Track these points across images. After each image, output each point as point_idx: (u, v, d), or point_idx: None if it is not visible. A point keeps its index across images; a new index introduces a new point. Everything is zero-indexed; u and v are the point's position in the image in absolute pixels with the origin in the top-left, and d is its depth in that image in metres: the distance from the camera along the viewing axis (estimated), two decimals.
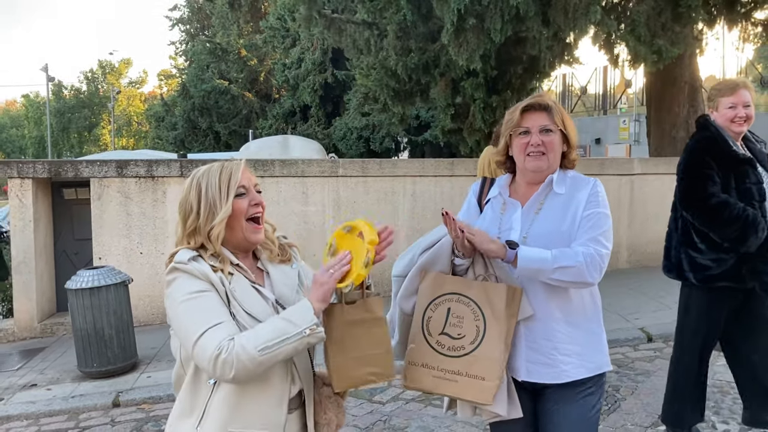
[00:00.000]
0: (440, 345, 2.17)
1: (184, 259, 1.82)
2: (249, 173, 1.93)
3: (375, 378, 1.89)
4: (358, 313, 1.88)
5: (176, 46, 39.68)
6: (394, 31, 8.44)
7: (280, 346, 1.69)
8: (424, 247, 2.28)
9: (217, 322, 1.72)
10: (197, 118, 27.53)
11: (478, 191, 2.49)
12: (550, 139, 2.23)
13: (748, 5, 9.19)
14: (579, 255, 2.09)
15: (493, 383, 2.09)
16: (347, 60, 20.22)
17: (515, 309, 2.14)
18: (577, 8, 6.72)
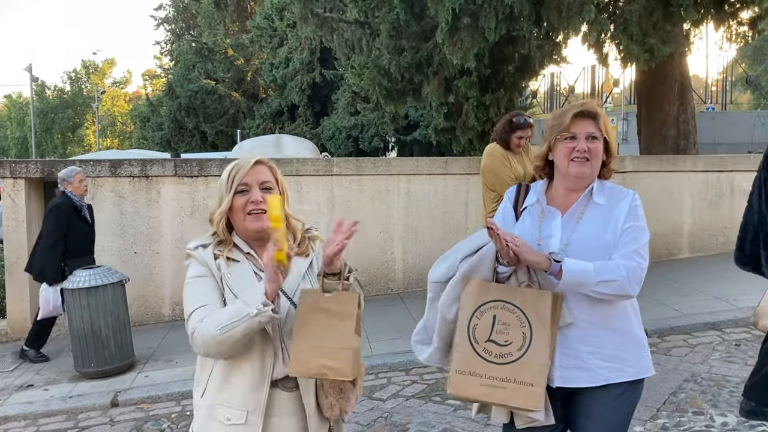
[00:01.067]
0: (487, 352, 2.17)
1: (192, 246, 2.06)
2: (261, 171, 2.05)
3: (328, 372, 1.89)
4: (330, 304, 1.93)
5: (161, 46, 39.50)
6: (387, 30, 8.45)
7: (234, 325, 1.81)
8: (465, 254, 2.27)
9: (202, 305, 1.92)
10: (183, 118, 27.39)
11: (514, 198, 2.48)
12: (595, 146, 2.24)
13: (736, 4, 9.31)
14: (621, 268, 2.12)
15: (541, 389, 2.11)
16: (335, 59, 20.21)
17: (558, 315, 2.17)
18: (571, 7, 6.78)
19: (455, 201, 8.04)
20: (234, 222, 2.06)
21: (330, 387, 2.01)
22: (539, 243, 2.25)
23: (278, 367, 1.97)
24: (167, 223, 7.36)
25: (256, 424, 1.94)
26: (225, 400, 1.96)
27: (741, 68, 28.39)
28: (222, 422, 1.95)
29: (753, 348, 5.49)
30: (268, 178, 2.07)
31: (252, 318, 1.81)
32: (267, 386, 1.96)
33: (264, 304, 1.81)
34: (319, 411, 2.01)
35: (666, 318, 6.16)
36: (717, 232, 9.06)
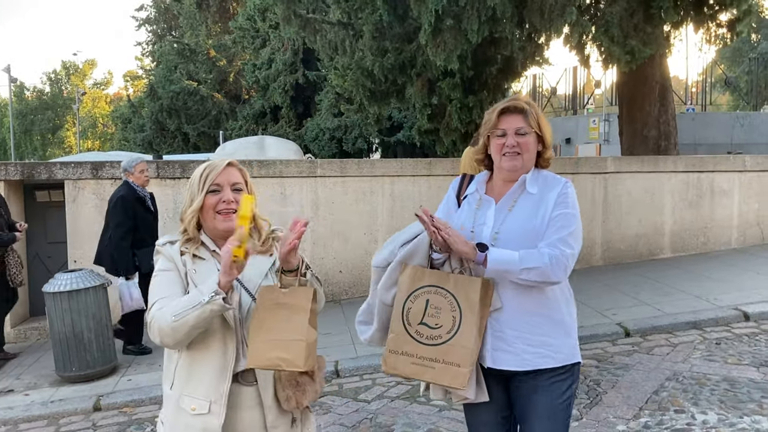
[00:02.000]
0: (419, 334, 2.32)
1: (161, 242, 2.19)
2: (232, 172, 2.18)
3: (283, 364, 1.99)
4: (285, 298, 2.03)
5: (143, 47, 39.26)
6: (370, 31, 8.46)
7: (188, 312, 1.91)
8: (403, 241, 2.40)
9: (162, 296, 2.04)
10: (165, 119, 27.24)
11: (458, 187, 2.61)
12: (525, 140, 2.36)
13: (714, 7, 9.43)
14: (545, 256, 2.23)
15: (467, 369, 2.23)
16: (318, 60, 20.19)
17: (488, 301, 2.30)
18: (552, 9, 6.83)
19: (438, 202, 8.01)
20: (204, 221, 2.16)
21: (287, 380, 2.11)
22: (473, 231, 2.37)
23: (239, 361, 2.08)
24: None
25: (219, 413, 2.04)
26: (190, 391, 2.07)
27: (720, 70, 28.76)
28: (188, 412, 2.06)
29: (733, 346, 5.57)
30: (239, 179, 2.19)
31: (204, 305, 1.90)
32: (229, 379, 2.06)
33: (216, 293, 1.90)
34: (278, 404, 2.13)
35: (648, 317, 6.22)
36: (698, 232, 9.16)
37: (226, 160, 2.22)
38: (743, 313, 6.25)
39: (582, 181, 8.50)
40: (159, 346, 2.09)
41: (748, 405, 4.38)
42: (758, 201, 9.35)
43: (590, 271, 8.27)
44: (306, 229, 2.02)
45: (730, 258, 8.70)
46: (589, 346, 5.70)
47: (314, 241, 7.68)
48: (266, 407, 2.11)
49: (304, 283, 2.06)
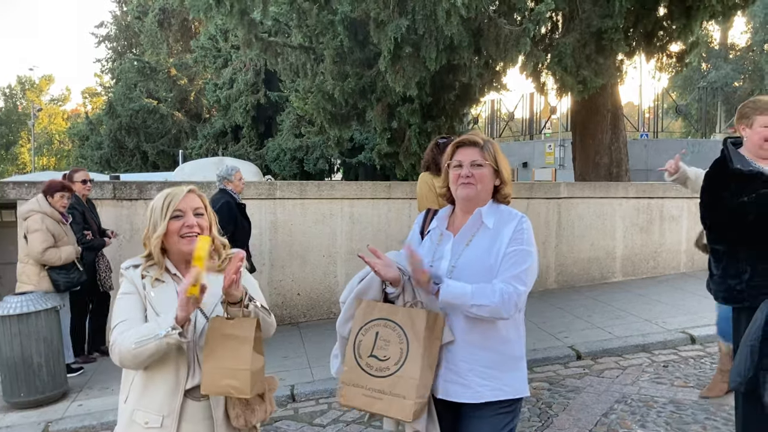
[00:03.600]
0: (369, 366, 2.38)
1: (125, 266, 2.32)
2: (193, 198, 2.34)
3: (233, 391, 2.14)
4: (232, 329, 2.15)
5: (102, 64, 38.71)
6: (331, 56, 8.56)
7: (146, 343, 2.06)
8: (360, 277, 2.50)
9: (124, 319, 2.19)
10: (124, 137, 26.88)
11: (422, 222, 2.71)
12: (480, 172, 2.45)
13: (664, 38, 9.81)
14: (496, 294, 2.30)
15: (412, 401, 2.26)
16: (281, 81, 20.23)
17: (438, 333, 2.35)
18: (507, 39, 7.03)
19: (398, 225, 8.14)
20: (168, 245, 2.30)
21: (236, 399, 2.22)
22: (431, 265, 2.44)
23: (191, 378, 2.22)
24: (106, 247, 7.20)
25: (171, 427, 2.18)
26: (144, 405, 2.19)
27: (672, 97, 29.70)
28: (141, 425, 2.19)
29: (679, 369, 5.73)
30: (200, 204, 2.34)
31: (160, 339, 2.05)
32: (181, 395, 2.20)
33: (172, 328, 2.05)
34: (227, 420, 2.25)
35: (599, 340, 6.37)
36: (648, 257, 9.43)
37: (187, 187, 2.36)
38: (690, 336, 6.44)
39: (536, 206, 8.70)
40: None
41: (692, 426, 4.52)
42: None
43: (544, 294, 8.43)
44: (242, 264, 2.15)
45: (679, 282, 8.96)
46: (542, 369, 5.82)
47: (272, 263, 7.67)
48: (216, 423, 2.23)
49: (248, 314, 2.17)
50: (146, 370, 2.20)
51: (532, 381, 5.49)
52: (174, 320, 2.06)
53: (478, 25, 7.15)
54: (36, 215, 5.85)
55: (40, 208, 5.90)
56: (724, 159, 3.45)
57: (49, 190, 5.99)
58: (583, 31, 7.59)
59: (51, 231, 5.85)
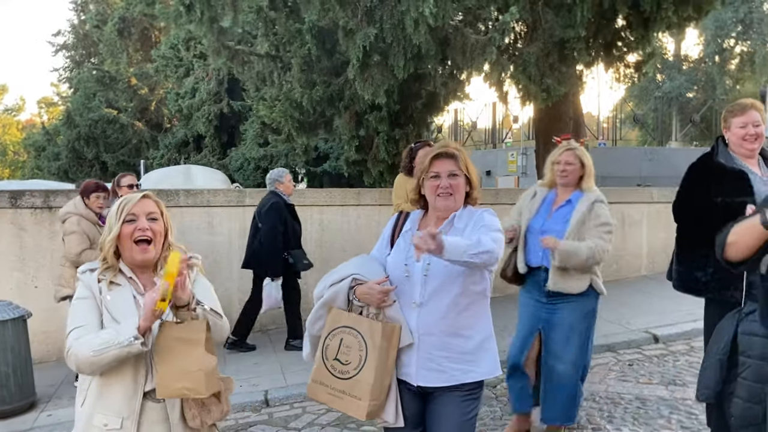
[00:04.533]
0: (333, 368, 2.65)
1: (81, 270, 2.37)
2: (147, 204, 2.38)
3: (188, 392, 2.21)
4: (182, 333, 2.22)
5: (60, 73, 37.96)
6: (298, 64, 8.60)
7: (106, 351, 2.11)
8: (332, 282, 2.73)
9: (79, 325, 2.22)
10: (83, 147, 26.33)
11: (393, 225, 2.92)
12: (456, 182, 2.68)
13: (623, 49, 10.10)
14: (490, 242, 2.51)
15: (367, 403, 2.55)
16: (244, 90, 20.14)
17: (395, 342, 2.59)
18: (474, 48, 7.19)
19: (367, 232, 8.20)
20: (122, 250, 2.35)
21: (192, 401, 2.29)
22: (406, 264, 2.66)
23: (149, 380, 2.27)
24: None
25: (131, 428, 2.23)
26: (102, 408, 2.24)
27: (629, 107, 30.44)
28: (99, 428, 2.23)
29: (644, 367, 5.92)
30: (154, 209, 2.38)
31: (122, 347, 2.11)
32: (140, 397, 2.26)
33: (135, 338, 2.12)
34: (184, 421, 2.31)
35: None
36: (610, 260, 9.64)
37: (142, 193, 2.44)
38: (653, 335, 6.66)
39: (501, 212, 8.83)
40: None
41: (657, 421, 4.69)
42: (665, 231, 9.95)
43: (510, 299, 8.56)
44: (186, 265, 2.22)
45: (641, 284, 9.22)
46: None
47: (241, 270, 7.66)
48: (173, 424, 2.29)
49: (196, 317, 2.24)
50: (103, 375, 2.24)
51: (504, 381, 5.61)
52: (136, 330, 2.12)
53: (445, 34, 7.29)
54: (73, 217, 5.83)
55: (76, 210, 5.89)
56: (711, 152, 3.72)
57: (85, 191, 6.00)
58: (546, 40, 7.78)
59: (87, 233, 5.83)
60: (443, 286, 2.60)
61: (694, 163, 3.82)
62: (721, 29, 28.21)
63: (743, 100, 3.81)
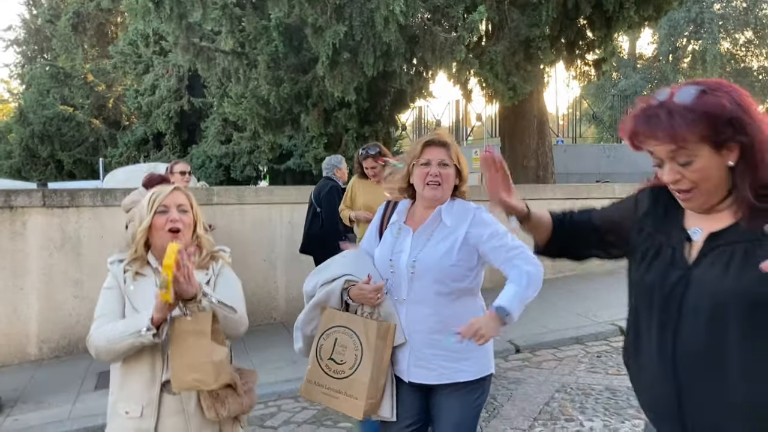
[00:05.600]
0: (328, 368, 2.64)
1: (111, 260, 2.44)
2: (178, 195, 2.45)
3: (199, 384, 2.25)
4: (191, 326, 2.25)
5: (10, 69, 36.89)
6: (265, 61, 8.54)
7: (120, 340, 2.20)
8: (323, 281, 2.71)
9: (103, 313, 2.31)
10: (37, 145, 25.61)
11: (381, 215, 2.86)
12: (447, 171, 2.62)
13: (584, 48, 10.32)
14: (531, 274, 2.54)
15: (363, 402, 2.53)
16: (205, 87, 19.88)
17: (390, 341, 2.57)
18: (443, 47, 7.26)
19: None
20: (153, 239, 2.40)
21: (206, 392, 2.31)
22: (391, 259, 2.64)
23: (166, 371, 2.32)
24: (34, 256, 6.94)
25: (151, 416, 2.29)
26: (124, 396, 2.33)
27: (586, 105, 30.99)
28: (122, 416, 2.31)
29: (612, 359, 6.07)
30: (184, 201, 2.45)
31: (136, 338, 2.18)
32: (158, 386, 2.32)
33: (147, 329, 2.17)
34: (201, 413, 2.34)
35: (536, 334, 6.65)
36: None
37: (173, 185, 2.51)
38: (619, 327, 6.81)
39: None
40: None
41: (628, 411, 4.81)
42: None
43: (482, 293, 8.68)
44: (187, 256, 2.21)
45: (605, 278, 9.40)
46: None
47: None
48: (189, 415, 2.33)
49: (202, 309, 2.25)
50: (124, 363, 2.32)
51: None
52: (150, 321, 2.17)
53: (414, 32, 7.35)
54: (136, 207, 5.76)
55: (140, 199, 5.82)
56: None
57: (149, 182, 5.90)
58: (512, 39, 7.91)
59: None
60: (430, 283, 2.55)
61: None
62: (674, 28, 28.98)
63: None
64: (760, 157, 1.54)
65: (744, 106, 1.55)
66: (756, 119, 1.55)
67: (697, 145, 1.54)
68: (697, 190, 1.61)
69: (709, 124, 1.52)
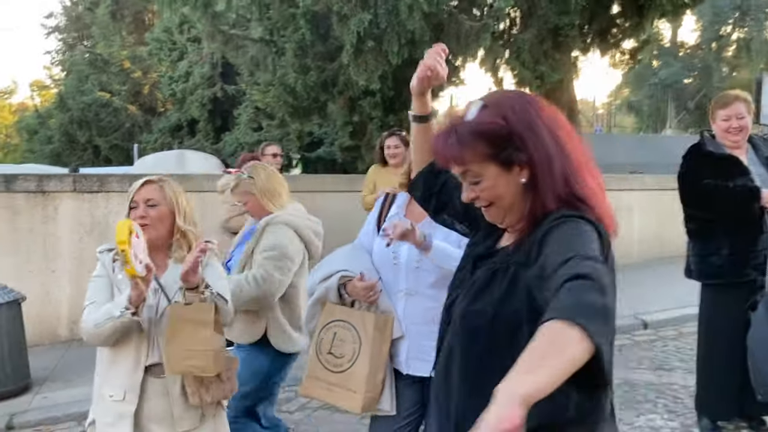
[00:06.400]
0: (327, 362, 2.65)
1: (100, 249, 2.53)
2: (147, 190, 2.47)
3: (195, 370, 2.32)
4: (190, 314, 2.31)
5: (52, 56, 37.67)
6: (292, 49, 8.58)
7: (105, 323, 2.26)
8: (322, 277, 2.71)
9: (92, 301, 2.39)
10: (76, 131, 26.18)
11: (379, 209, 2.87)
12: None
13: (617, 36, 10.13)
14: None
15: (361, 395, 2.55)
16: (238, 74, 20.02)
17: (388, 333, 2.58)
18: (468, 35, 7.20)
19: (358, 218, 8.13)
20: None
21: (192, 378, 2.38)
22: (394, 251, 2.64)
23: (150, 356, 2.39)
24: (65, 240, 7.12)
25: (132, 401, 2.36)
26: (108, 380, 2.40)
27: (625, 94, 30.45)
28: (106, 399, 2.39)
29: (633, 352, 6.00)
30: (153, 196, 2.46)
31: (116, 319, 2.24)
32: (141, 371, 2.38)
33: (126, 308, 2.23)
34: (185, 397, 2.41)
35: None
36: None
37: (145, 178, 2.54)
38: (642, 321, 6.73)
39: None
40: None
41: (644, 405, 4.76)
42: (657, 218, 10.02)
43: None
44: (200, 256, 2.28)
45: (632, 271, 9.27)
46: None
47: None
48: (173, 399, 2.40)
49: (204, 300, 2.32)
50: (112, 348, 2.40)
51: None
52: (128, 301, 2.23)
53: (439, 20, 7.30)
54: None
55: None
56: (699, 143, 3.82)
57: (241, 162, 6.15)
58: (541, 27, 7.80)
59: None
60: (436, 275, 2.55)
61: (688, 151, 3.89)
62: (717, 16, 28.20)
63: (729, 92, 3.90)
64: (541, 176, 1.47)
65: (528, 121, 1.47)
66: (541, 135, 1.46)
67: (482, 165, 1.47)
68: (494, 206, 1.55)
69: (488, 143, 1.45)
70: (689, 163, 3.85)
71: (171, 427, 2.41)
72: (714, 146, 3.75)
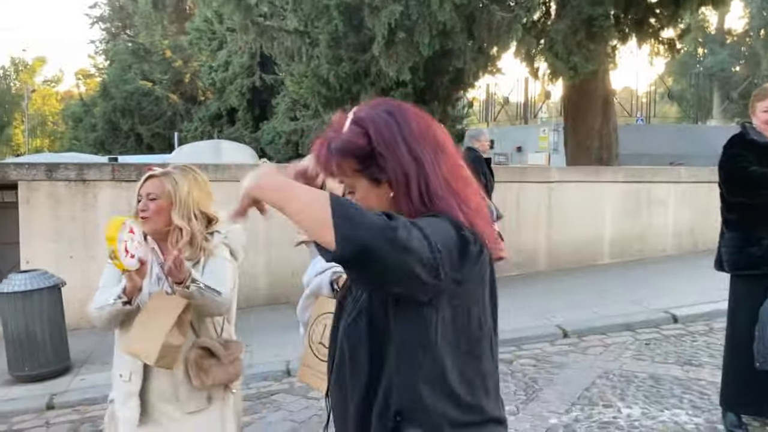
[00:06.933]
0: (318, 351, 2.69)
1: None
2: (150, 185, 2.56)
3: (141, 355, 2.41)
4: (161, 303, 2.44)
5: (96, 45, 38.58)
6: (326, 40, 8.66)
7: (102, 309, 2.43)
8: (316, 272, 2.75)
9: (102, 286, 2.55)
10: (118, 119, 26.84)
11: None
12: None
13: (656, 25, 9.94)
14: None
15: None
16: (276, 64, 20.22)
17: None
18: (500, 25, 7.17)
19: None
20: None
21: (193, 361, 2.50)
22: None
23: None
24: (104, 227, 7.34)
25: (137, 382, 2.52)
26: (118, 362, 2.58)
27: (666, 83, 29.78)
28: (118, 379, 2.58)
29: (661, 347, 5.94)
30: (154, 190, 2.54)
31: (111, 306, 2.40)
32: None
33: (118, 297, 2.38)
34: (189, 380, 2.52)
35: (585, 320, 6.56)
36: (634, 240, 9.62)
37: (149, 173, 2.62)
38: (672, 315, 6.65)
39: (528, 190, 8.86)
40: None
41: (669, 400, 4.73)
42: (692, 210, 9.86)
43: (535, 276, 8.63)
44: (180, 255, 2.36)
45: (665, 264, 9.17)
46: (530, 347, 6.02)
47: (269, 243, 7.82)
48: (177, 381, 2.53)
49: (188, 295, 2.39)
50: (119, 334, 2.58)
51: (520, 358, 5.71)
52: (122, 291, 2.37)
53: (470, 11, 7.28)
54: None
55: None
56: (742, 133, 3.81)
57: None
58: (575, 18, 7.72)
59: None
60: None
61: (730, 139, 3.88)
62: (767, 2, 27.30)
63: None
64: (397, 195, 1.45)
65: (387, 140, 1.43)
66: (398, 154, 1.43)
67: (353, 179, 1.47)
68: None
69: (355, 160, 1.44)
70: (733, 151, 3.84)
71: (178, 408, 2.55)
72: (757, 135, 3.74)
